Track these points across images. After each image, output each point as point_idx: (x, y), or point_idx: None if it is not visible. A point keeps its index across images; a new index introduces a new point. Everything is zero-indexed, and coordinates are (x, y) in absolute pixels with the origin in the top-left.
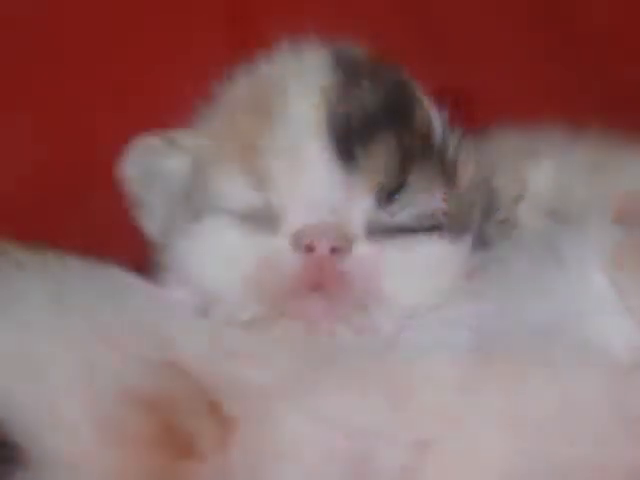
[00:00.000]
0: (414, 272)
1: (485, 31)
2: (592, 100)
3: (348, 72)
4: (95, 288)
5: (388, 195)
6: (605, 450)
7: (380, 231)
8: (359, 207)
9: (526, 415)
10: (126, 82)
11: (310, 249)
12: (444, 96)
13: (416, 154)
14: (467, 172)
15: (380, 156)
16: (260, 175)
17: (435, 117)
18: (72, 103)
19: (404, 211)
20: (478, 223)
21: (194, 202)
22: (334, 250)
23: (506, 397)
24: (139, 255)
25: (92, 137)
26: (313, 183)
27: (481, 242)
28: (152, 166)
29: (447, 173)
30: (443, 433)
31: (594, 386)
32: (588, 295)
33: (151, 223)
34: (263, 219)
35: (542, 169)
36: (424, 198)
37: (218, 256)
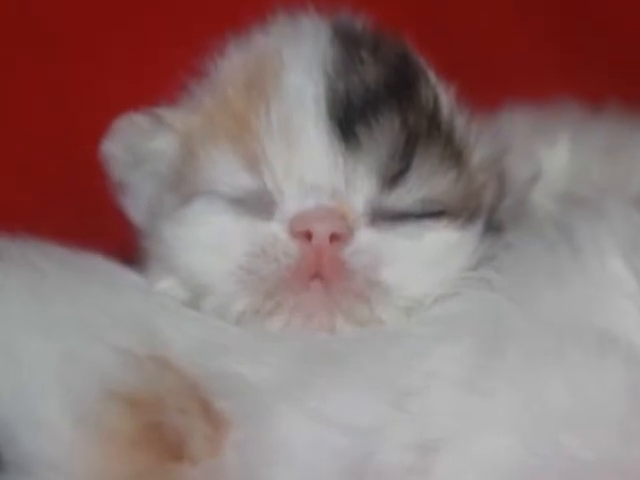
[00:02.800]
0: (419, 261)
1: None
2: (601, 73)
3: (348, 45)
4: (78, 278)
5: (392, 178)
6: (624, 450)
7: (383, 217)
8: (361, 191)
9: (538, 413)
10: (113, 59)
11: (308, 236)
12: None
13: (422, 134)
14: (477, 153)
15: (383, 136)
16: (254, 156)
17: (442, 94)
18: (56, 84)
19: (409, 195)
20: (488, 208)
21: (183, 185)
22: (334, 237)
23: (517, 394)
24: (124, 242)
25: (77, 119)
26: (311, 165)
27: (492, 228)
28: (138, 146)
29: (455, 154)
30: (450, 433)
31: (612, 380)
32: (605, 283)
33: (137, 208)
34: (257, 204)
35: (557, 150)
36: (430, 181)
37: (208, 243)
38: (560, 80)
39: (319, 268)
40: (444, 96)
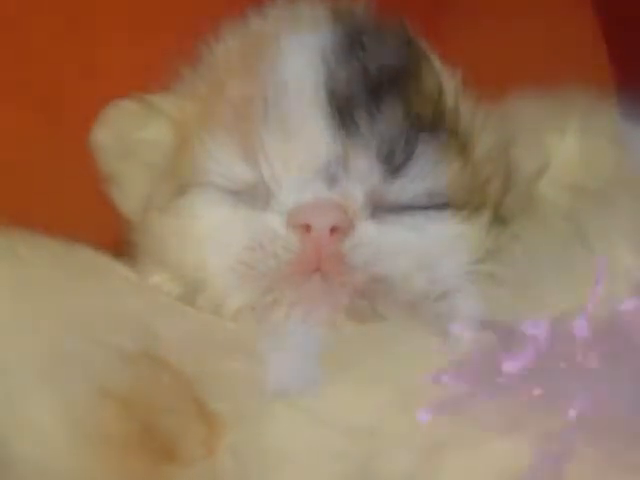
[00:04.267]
0: (423, 254)
1: None
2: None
3: (349, 31)
4: (66, 271)
5: (394, 168)
6: (633, 453)
7: (385, 209)
8: (362, 182)
9: (549, 412)
10: (100, 40)
11: (307, 228)
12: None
13: (425, 122)
14: (483, 142)
15: (385, 125)
16: (251, 146)
17: (446, 80)
18: (38, 64)
19: (412, 186)
20: (494, 200)
21: (176, 176)
22: (334, 230)
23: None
24: (115, 236)
25: (60, 102)
26: (310, 155)
27: (498, 221)
28: (129, 135)
29: (460, 144)
30: (456, 434)
31: (624, 379)
32: (617, 279)
33: (127, 199)
34: (254, 195)
35: (567, 139)
36: (434, 172)
37: (204, 236)
38: (566, 70)
39: (318, 262)
40: (449, 83)
